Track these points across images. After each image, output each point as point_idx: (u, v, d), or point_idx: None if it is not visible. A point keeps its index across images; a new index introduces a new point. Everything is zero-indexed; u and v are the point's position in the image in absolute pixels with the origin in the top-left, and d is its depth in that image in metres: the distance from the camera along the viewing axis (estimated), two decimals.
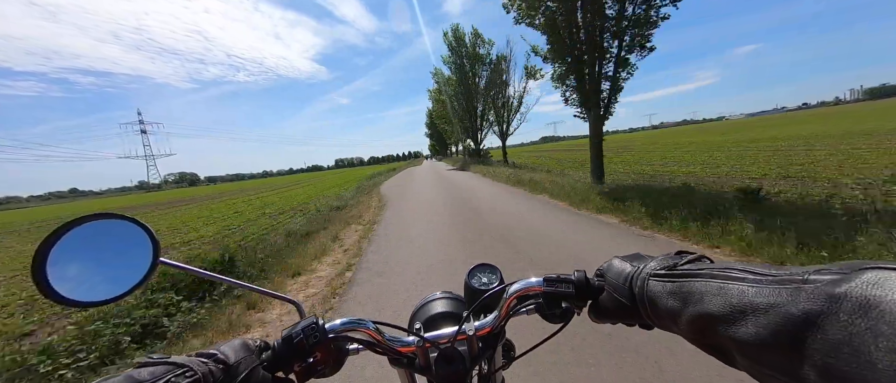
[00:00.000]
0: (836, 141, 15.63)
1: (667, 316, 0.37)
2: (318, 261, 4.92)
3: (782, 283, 0.27)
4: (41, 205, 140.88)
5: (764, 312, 0.26)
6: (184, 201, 32.24)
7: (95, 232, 0.44)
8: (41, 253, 0.39)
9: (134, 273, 0.46)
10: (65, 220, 0.42)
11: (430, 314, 0.62)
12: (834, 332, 0.22)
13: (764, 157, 12.95)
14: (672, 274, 0.37)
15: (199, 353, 0.39)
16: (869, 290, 0.22)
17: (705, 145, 23.26)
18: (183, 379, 0.34)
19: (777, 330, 0.25)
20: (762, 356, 0.26)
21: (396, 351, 0.53)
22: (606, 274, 0.47)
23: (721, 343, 0.31)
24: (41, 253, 0.39)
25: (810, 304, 0.24)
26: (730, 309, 0.29)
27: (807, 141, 17.50)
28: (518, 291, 0.52)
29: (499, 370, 0.61)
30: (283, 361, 0.44)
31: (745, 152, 15.65)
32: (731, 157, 14.27)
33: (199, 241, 8.11)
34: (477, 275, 0.65)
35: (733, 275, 0.31)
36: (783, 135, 23.41)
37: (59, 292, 0.40)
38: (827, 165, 9.38)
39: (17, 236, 15.83)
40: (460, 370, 0.50)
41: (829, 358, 0.22)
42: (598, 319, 0.49)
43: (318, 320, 0.46)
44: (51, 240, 0.40)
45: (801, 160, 11.01)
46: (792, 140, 19.21)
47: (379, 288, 3.66)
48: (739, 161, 12.84)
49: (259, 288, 0.56)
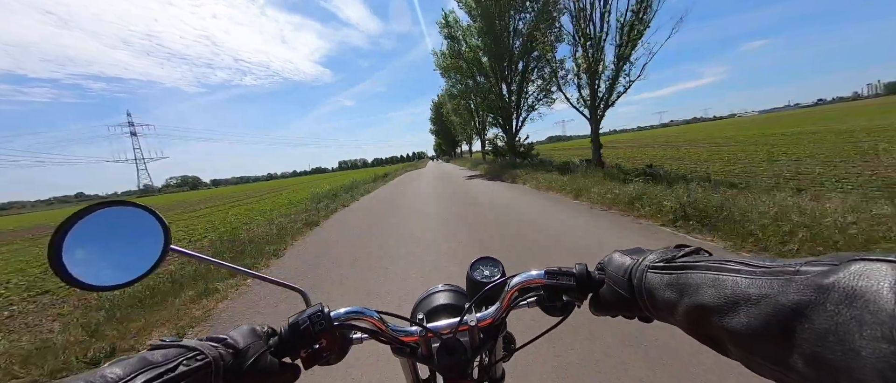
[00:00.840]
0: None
1: (664, 308, 0.37)
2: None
3: (775, 275, 0.27)
4: (46, 209, 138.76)
5: (756, 303, 0.27)
6: (169, 208, 26.57)
7: (109, 219, 0.45)
8: (57, 238, 0.41)
9: (145, 259, 0.47)
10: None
11: (433, 305, 0.63)
12: (821, 322, 0.23)
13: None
14: (670, 266, 0.38)
15: (209, 337, 0.40)
16: (855, 281, 0.22)
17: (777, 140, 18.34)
18: (194, 362, 0.35)
19: (768, 320, 0.26)
20: (754, 345, 0.27)
21: (399, 340, 0.54)
22: (607, 267, 0.47)
23: (715, 333, 0.31)
24: (57, 238, 0.41)
25: (800, 295, 0.25)
26: (724, 299, 0.30)
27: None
28: (520, 284, 0.53)
29: (499, 361, 0.62)
30: (289, 347, 0.45)
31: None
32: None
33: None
34: (479, 267, 0.66)
35: (728, 267, 0.32)
36: (846, 128, 20.12)
37: (73, 275, 0.41)
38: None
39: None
40: (462, 360, 0.51)
41: (817, 346, 0.22)
42: (599, 312, 0.49)
43: (323, 308, 0.48)
44: (66, 226, 0.42)
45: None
46: (872, 133, 15.79)
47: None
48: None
49: (265, 276, 0.58)
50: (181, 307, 3.50)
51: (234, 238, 6.92)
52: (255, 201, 20.74)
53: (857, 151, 11.00)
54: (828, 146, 13.38)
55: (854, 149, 11.69)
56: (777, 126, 35.07)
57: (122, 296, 3.80)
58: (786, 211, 4.01)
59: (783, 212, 3.97)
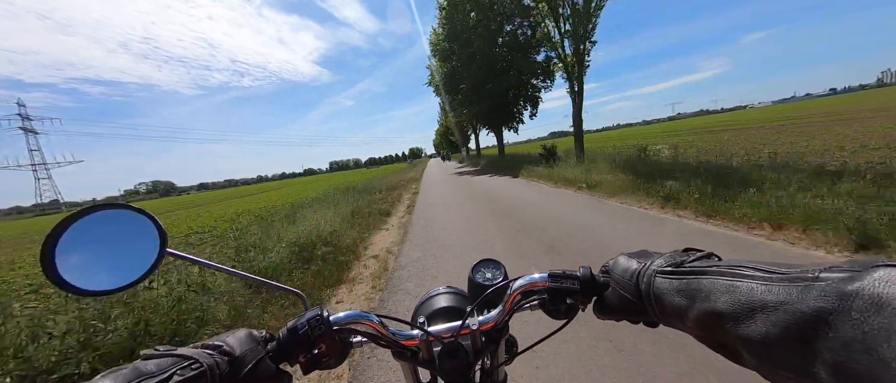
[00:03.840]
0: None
1: (674, 314, 0.36)
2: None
3: (793, 281, 0.27)
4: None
5: (773, 310, 0.26)
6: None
7: (103, 222, 0.44)
8: (50, 242, 0.40)
9: (141, 263, 0.46)
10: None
11: (434, 308, 0.62)
12: (846, 330, 0.22)
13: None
14: (679, 271, 0.37)
15: (204, 345, 0.39)
16: (882, 288, 0.22)
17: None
18: (189, 371, 0.34)
19: (787, 327, 0.25)
20: (772, 354, 0.26)
21: (400, 344, 0.53)
22: (612, 270, 0.46)
23: (729, 341, 0.30)
24: (50, 242, 0.40)
25: (822, 302, 0.24)
26: (739, 306, 0.29)
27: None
28: (522, 287, 0.52)
29: (502, 365, 0.61)
30: (288, 352, 0.44)
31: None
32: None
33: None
34: (481, 270, 0.65)
35: (742, 273, 0.31)
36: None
37: (67, 280, 0.40)
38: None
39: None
40: (463, 364, 0.50)
41: (841, 355, 0.22)
42: (603, 316, 0.49)
43: (322, 312, 0.47)
44: (59, 230, 0.41)
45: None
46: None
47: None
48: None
49: (263, 280, 0.57)
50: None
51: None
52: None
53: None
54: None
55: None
56: (808, 112, 32.18)
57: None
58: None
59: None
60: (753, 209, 4.22)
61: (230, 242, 5.73)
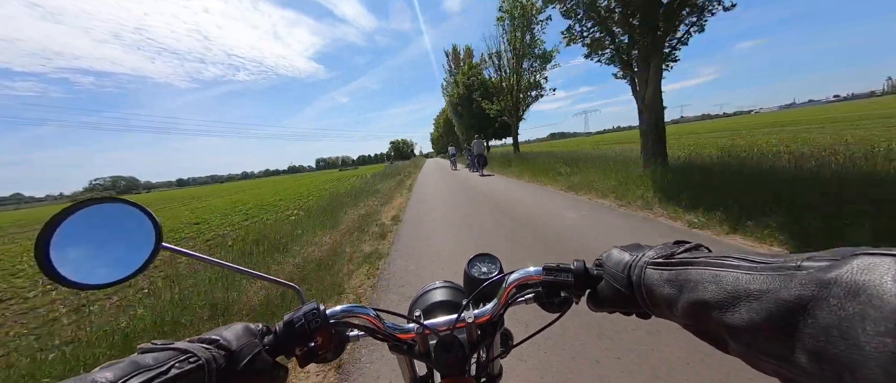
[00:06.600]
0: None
1: (663, 304, 0.37)
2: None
3: (776, 270, 0.27)
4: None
5: (757, 298, 0.27)
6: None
7: (98, 215, 0.44)
8: (44, 235, 0.40)
9: (136, 257, 0.46)
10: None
11: (430, 302, 0.62)
12: (824, 317, 0.23)
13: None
14: (669, 262, 0.38)
15: (201, 338, 0.39)
16: (858, 275, 0.22)
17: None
18: (187, 365, 0.34)
19: (770, 315, 0.26)
20: (755, 341, 0.27)
21: (396, 337, 0.53)
22: (605, 263, 0.47)
23: (715, 329, 0.31)
24: (44, 235, 0.40)
25: (802, 290, 0.24)
26: (724, 295, 0.29)
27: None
28: (517, 280, 0.53)
29: (497, 357, 0.62)
30: (284, 345, 0.45)
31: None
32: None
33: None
34: (476, 264, 0.65)
35: (729, 263, 0.32)
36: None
37: (61, 273, 0.40)
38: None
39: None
40: (459, 357, 0.51)
41: (820, 341, 0.22)
42: (596, 308, 0.49)
43: (319, 305, 0.47)
44: (54, 223, 0.40)
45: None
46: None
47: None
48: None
49: (259, 274, 0.57)
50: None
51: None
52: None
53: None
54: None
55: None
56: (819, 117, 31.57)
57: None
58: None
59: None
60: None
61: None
